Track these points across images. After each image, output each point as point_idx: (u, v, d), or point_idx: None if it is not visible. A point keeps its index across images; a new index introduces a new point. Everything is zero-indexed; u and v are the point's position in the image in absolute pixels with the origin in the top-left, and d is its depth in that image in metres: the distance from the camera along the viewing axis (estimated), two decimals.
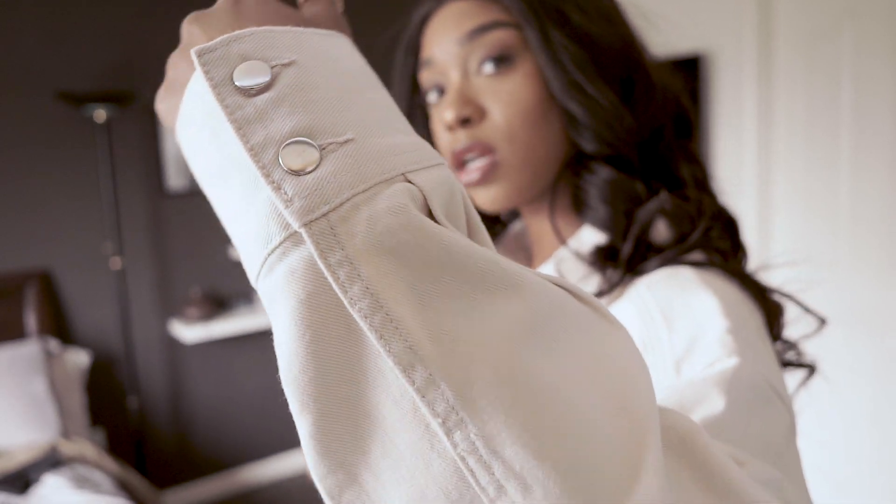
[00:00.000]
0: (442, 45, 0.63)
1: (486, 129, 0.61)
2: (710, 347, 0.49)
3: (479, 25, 0.61)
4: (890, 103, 2.30)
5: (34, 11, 2.68)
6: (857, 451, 2.53)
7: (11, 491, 2.04)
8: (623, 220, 0.59)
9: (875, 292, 2.41)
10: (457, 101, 0.61)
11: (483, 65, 0.61)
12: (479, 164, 0.61)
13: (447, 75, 0.64)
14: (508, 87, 0.60)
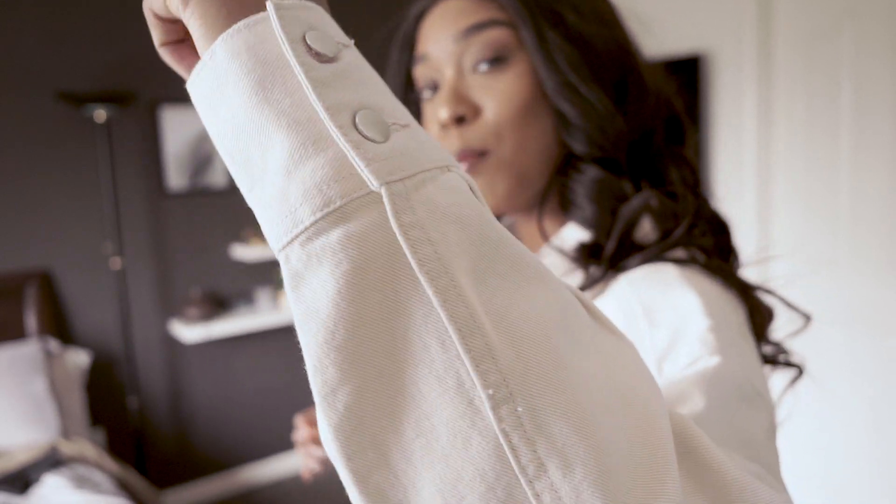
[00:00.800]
0: (438, 42, 0.63)
1: (478, 128, 0.61)
2: (691, 345, 0.49)
3: (476, 23, 0.61)
4: (889, 103, 2.30)
5: (34, 12, 2.68)
6: (855, 451, 2.53)
7: (12, 491, 2.04)
8: (608, 218, 0.59)
9: (875, 292, 2.42)
10: (451, 98, 0.61)
11: (478, 63, 0.61)
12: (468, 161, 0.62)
13: (442, 72, 0.64)
14: (502, 86, 0.61)
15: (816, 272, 2.57)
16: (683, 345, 0.49)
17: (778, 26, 2.55)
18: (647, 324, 0.52)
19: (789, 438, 2.74)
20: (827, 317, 2.60)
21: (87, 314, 2.88)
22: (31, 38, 2.68)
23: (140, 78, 2.90)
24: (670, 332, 0.50)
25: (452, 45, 0.62)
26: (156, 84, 2.95)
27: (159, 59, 3.01)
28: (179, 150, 3.03)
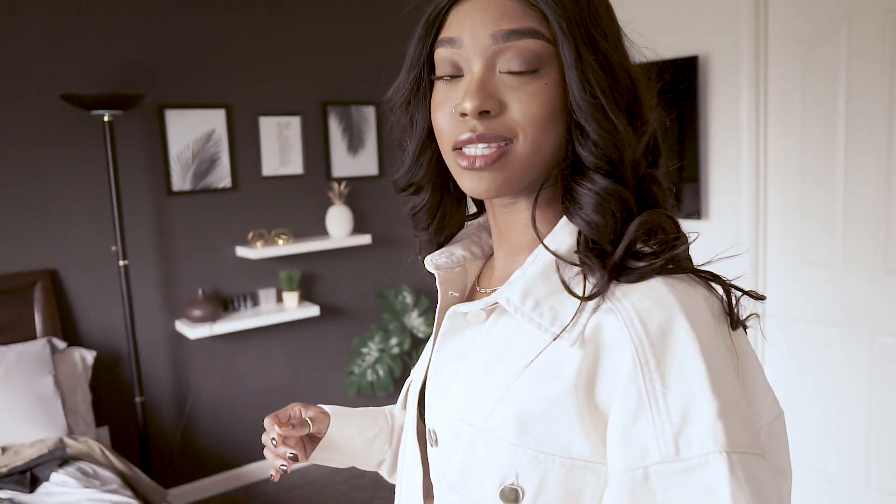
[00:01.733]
0: (475, 33, 0.64)
1: (502, 121, 0.64)
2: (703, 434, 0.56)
3: (519, 29, 0.63)
4: (883, 106, 2.32)
5: (41, 15, 2.71)
6: (850, 445, 2.55)
7: (19, 487, 2.07)
8: (614, 226, 0.64)
9: (868, 293, 2.44)
10: (480, 92, 0.63)
11: (511, 66, 0.64)
12: (485, 152, 0.64)
13: (470, 62, 0.65)
14: (531, 90, 0.63)
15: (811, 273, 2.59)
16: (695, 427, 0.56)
17: (773, 30, 2.57)
18: (661, 383, 0.58)
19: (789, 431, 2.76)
20: (823, 316, 2.64)
21: (93, 314, 2.92)
22: (38, 42, 2.71)
23: (145, 80, 2.94)
24: (681, 402, 0.57)
25: (489, 42, 0.64)
26: (161, 86, 2.98)
27: (164, 61, 3.06)
28: (184, 151, 3.07)
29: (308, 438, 0.93)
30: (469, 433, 0.67)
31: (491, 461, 0.64)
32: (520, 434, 0.63)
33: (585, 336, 0.62)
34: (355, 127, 3.56)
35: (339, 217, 3.41)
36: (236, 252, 3.24)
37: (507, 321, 0.68)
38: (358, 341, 3.60)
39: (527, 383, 0.64)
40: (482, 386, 0.67)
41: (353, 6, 3.52)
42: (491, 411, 0.65)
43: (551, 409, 0.62)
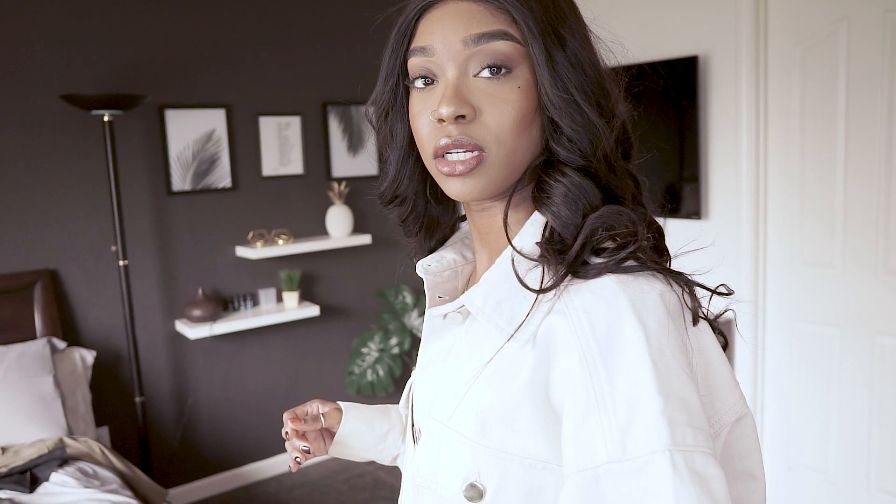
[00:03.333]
0: (445, 39, 0.65)
1: (477, 127, 0.64)
2: (647, 431, 0.55)
3: (489, 32, 0.64)
4: (883, 106, 2.32)
5: (42, 16, 2.71)
6: (852, 447, 2.55)
7: (19, 487, 2.07)
8: (579, 222, 0.65)
9: (869, 293, 2.44)
10: (454, 98, 0.63)
11: (482, 69, 0.64)
12: (464, 157, 0.65)
13: (443, 68, 0.66)
14: (503, 94, 0.64)
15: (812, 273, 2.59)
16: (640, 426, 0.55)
17: (773, 30, 2.57)
18: (608, 384, 0.57)
19: (787, 432, 2.77)
20: (824, 317, 2.64)
21: (93, 313, 2.92)
22: (38, 42, 2.71)
23: (145, 80, 2.94)
24: (627, 402, 0.56)
25: (460, 47, 0.64)
26: (161, 86, 2.98)
27: (164, 61, 3.06)
28: (184, 151, 3.07)
29: (327, 433, 0.96)
30: (438, 430, 0.68)
31: (456, 458, 0.66)
32: (481, 432, 0.64)
33: (538, 337, 0.63)
34: (355, 127, 3.56)
35: (339, 217, 3.41)
36: (236, 252, 3.25)
37: (478, 323, 0.69)
38: (358, 341, 3.59)
39: (486, 383, 0.65)
40: (450, 384, 0.69)
41: (354, 7, 3.52)
42: (455, 409, 0.67)
43: (510, 409, 0.63)
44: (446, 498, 0.66)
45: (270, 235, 3.28)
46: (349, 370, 3.59)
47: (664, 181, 2.87)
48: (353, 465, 3.52)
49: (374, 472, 3.45)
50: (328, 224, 3.43)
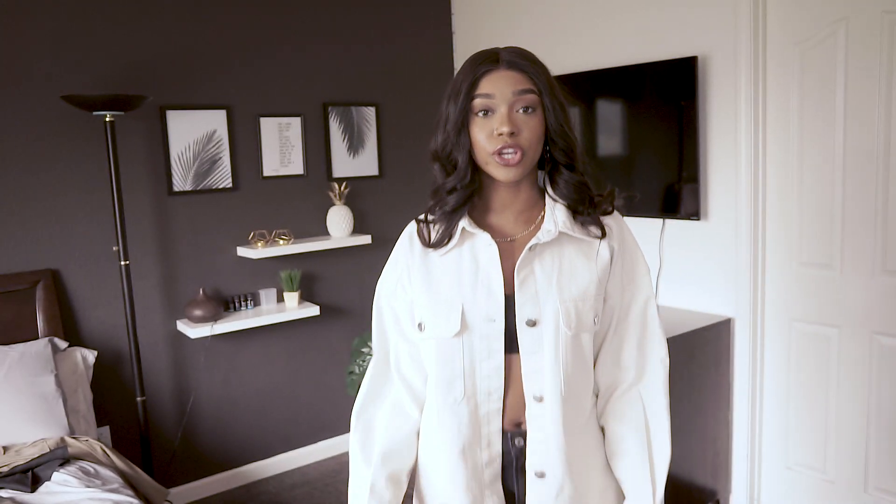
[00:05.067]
0: (501, 91, 1.15)
1: (518, 139, 1.15)
2: (641, 283, 1.26)
3: (526, 89, 1.15)
4: (882, 107, 2.33)
5: (43, 17, 2.72)
6: (851, 447, 2.56)
7: (20, 487, 2.08)
8: (580, 195, 1.22)
9: (867, 294, 2.44)
10: (509, 122, 1.14)
11: (520, 108, 1.15)
12: (513, 155, 1.15)
13: (498, 106, 1.15)
14: (531, 123, 1.16)
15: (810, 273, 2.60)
16: (636, 280, 1.26)
17: (772, 30, 2.58)
18: (623, 264, 1.25)
19: (786, 431, 2.77)
20: (822, 316, 2.65)
21: (94, 313, 2.93)
22: (39, 42, 2.72)
23: (146, 81, 2.95)
24: (630, 265, 1.25)
25: (510, 95, 1.15)
26: (162, 87, 2.99)
27: (165, 62, 3.07)
28: (185, 151, 3.08)
29: None
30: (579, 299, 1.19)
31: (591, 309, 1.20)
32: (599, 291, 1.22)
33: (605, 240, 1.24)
34: (355, 128, 3.57)
35: (340, 217, 3.42)
36: (237, 252, 3.26)
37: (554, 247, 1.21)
38: (358, 341, 3.60)
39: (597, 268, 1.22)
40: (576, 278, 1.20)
41: (354, 8, 3.53)
42: (586, 288, 1.20)
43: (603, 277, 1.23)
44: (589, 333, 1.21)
45: (271, 235, 3.29)
46: (349, 370, 3.60)
47: (663, 182, 2.88)
48: None
49: None
50: (328, 224, 3.44)
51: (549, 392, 1.16)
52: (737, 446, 2.85)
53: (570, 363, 1.16)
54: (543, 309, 1.17)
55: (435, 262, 1.23)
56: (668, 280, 2.99)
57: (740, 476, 2.85)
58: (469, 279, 1.19)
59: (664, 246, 2.99)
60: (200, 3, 3.09)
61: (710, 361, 2.74)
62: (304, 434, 3.57)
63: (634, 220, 3.09)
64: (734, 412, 2.83)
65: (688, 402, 2.65)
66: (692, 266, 2.91)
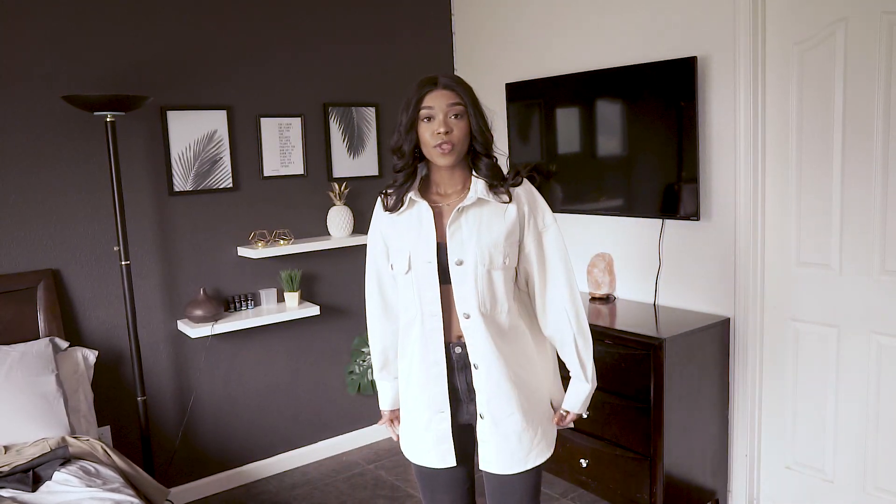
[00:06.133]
0: (438, 103, 1.62)
1: (451, 136, 1.62)
2: (550, 231, 1.72)
3: (455, 102, 1.63)
4: (880, 107, 2.33)
5: (44, 17, 2.73)
6: (850, 447, 2.56)
7: (21, 486, 2.09)
8: (493, 173, 1.67)
9: (866, 293, 2.45)
10: (444, 125, 1.61)
11: (452, 115, 1.62)
12: (447, 146, 1.61)
13: (437, 115, 1.61)
14: (460, 125, 1.63)
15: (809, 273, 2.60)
16: (548, 229, 1.71)
17: (771, 31, 2.58)
18: (530, 211, 1.69)
19: (785, 431, 2.78)
20: (821, 316, 2.65)
21: (95, 313, 2.93)
22: (40, 43, 2.73)
23: (147, 82, 2.95)
24: (541, 220, 1.71)
25: (445, 107, 1.62)
26: (162, 88, 3.00)
27: (165, 63, 3.08)
28: (185, 152, 3.08)
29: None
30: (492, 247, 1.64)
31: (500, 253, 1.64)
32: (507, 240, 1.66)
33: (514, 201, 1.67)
34: (355, 128, 3.57)
35: (340, 217, 3.43)
36: (237, 252, 3.26)
37: (486, 206, 1.66)
38: (358, 341, 3.61)
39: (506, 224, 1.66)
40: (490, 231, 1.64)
41: (354, 8, 3.53)
42: (498, 237, 1.64)
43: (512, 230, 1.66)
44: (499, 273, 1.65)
45: (271, 236, 3.30)
46: (349, 370, 3.61)
47: (662, 182, 2.88)
48: (354, 465, 3.54)
49: (374, 471, 3.46)
50: (329, 224, 3.45)
51: (473, 311, 1.64)
52: (736, 446, 2.85)
53: (484, 291, 1.64)
54: (467, 252, 1.63)
55: (396, 221, 1.73)
56: (667, 280, 3.00)
57: (739, 476, 2.86)
58: (414, 234, 1.68)
59: (663, 246, 2.99)
60: (201, 3, 3.10)
61: (710, 361, 2.74)
62: (304, 434, 3.57)
63: (634, 221, 3.10)
64: (733, 412, 2.84)
65: (687, 402, 2.65)
66: (691, 266, 2.91)
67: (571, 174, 3.27)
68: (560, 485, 3.18)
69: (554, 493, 3.11)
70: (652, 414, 2.58)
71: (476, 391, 1.68)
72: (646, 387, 2.58)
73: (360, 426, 3.77)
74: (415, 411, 1.75)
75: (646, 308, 3.02)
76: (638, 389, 2.61)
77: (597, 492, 2.86)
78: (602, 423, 2.77)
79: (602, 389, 2.75)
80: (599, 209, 3.16)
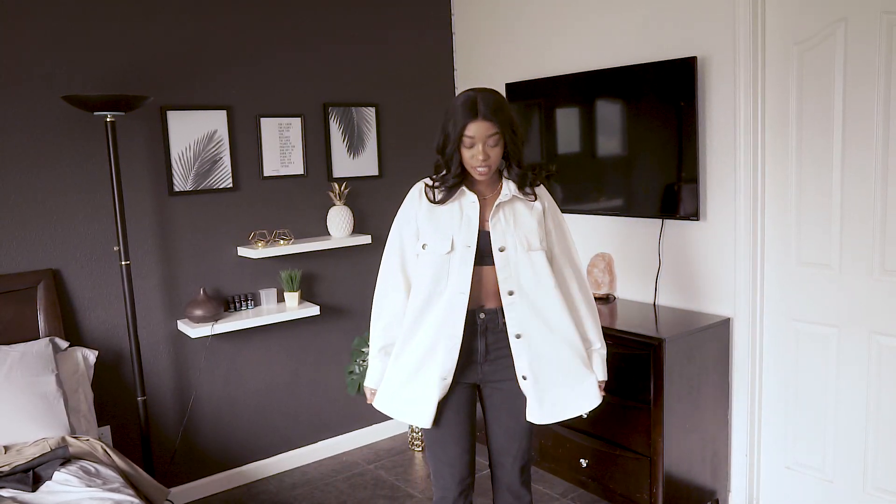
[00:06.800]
0: (478, 133, 1.88)
1: (488, 161, 1.91)
2: (563, 224, 2.11)
3: (493, 133, 1.89)
4: (880, 107, 2.33)
5: (44, 17, 2.73)
6: (849, 446, 2.56)
7: (21, 486, 2.09)
8: (522, 178, 2.00)
9: (866, 293, 2.45)
10: (483, 153, 1.90)
11: (489, 143, 1.90)
12: (485, 170, 1.93)
13: (476, 142, 1.89)
14: (496, 150, 1.92)
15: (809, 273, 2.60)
16: (559, 228, 2.08)
17: (771, 31, 2.58)
18: (549, 207, 2.06)
19: (785, 431, 2.78)
20: (821, 316, 2.65)
21: (95, 313, 2.93)
22: (40, 43, 2.73)
23: (147, 82, 2.95)
24: (557, 216, 2.09)
25: (484, 136, 1.89)
26: (163, 88, 3.00)
27: (165, 63, 3.07)
28: (185, 152, 3.08)
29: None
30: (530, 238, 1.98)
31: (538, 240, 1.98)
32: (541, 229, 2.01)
33: (539, 201, 2.03)
34: (355, 128, 3.57)
35: (340, 217, 3.43)
36: (237, 252, 3.26)
37: (517, 203, 2.00)
38: (358, 341, 3.61)
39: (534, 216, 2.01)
40: (525, 224, 1.98)
41: (354, 8, 3.54)
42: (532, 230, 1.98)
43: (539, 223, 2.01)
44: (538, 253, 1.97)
45: (271, 236, 3.30)
46: (349, 370, 3.60)
47: (662, 182, 2.88)
48: (354, 465, 3.54)
49: (374, 471, 3.46)
50: (329, 224, 3.45)
51: (515, 288, 1.95)
52: (736, 446, 2.85)
53: (524, 271, 1.95)
54: (507, 240, 1.95)
55: (435, 209, 2.00)
56: (667, 280, 3.00)
57: (739, 475, 2.86)
58: (457, 221, 1.97)
59: (663, 246, 2.99)
60: (201, 3, 3.10)
61: (710, 361, 2.74)
62: (304, 434, 3.57)
63: (634, 221, 3.10)
64: (733, 412, 2.84)
65: (687, 402, 2.65)
66: (691, 266, 2.91)
67: (571, 174, 3.27)
68: (560, 485, 3.18)
69: (554, 493, 3.12)
70: (652, 414, 2.58)
71: (515, 357, 1.97)
72: (646, 387, 2.59)
73: (360, 426, 3.77)
74: (412, 372, 1.99)
75: (646, 308, 3.02)
76: (638, 389, 2.62)
77: (597, 492, 2.87)
78: (602, 423, 2.77)
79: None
80: (599, 209, 3.16)
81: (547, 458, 3.06)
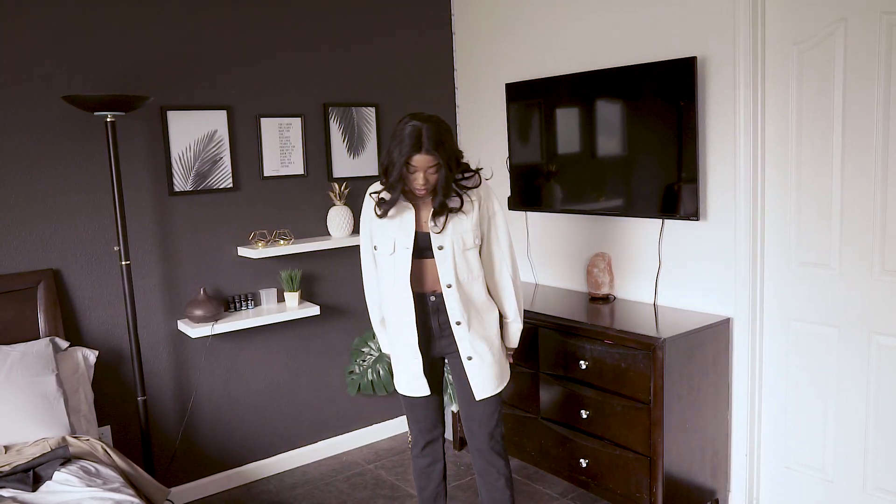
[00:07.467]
0: (420, 164, 2.14)
1: (427, 185, 2.18)
2: (498, 215, 2.34)
3: (434, 164, 2.15)
4: (880, 107, 2.33)
5: (44, 17, 2.73)
6: (850, 446, 2.56)
7: (22, 486, 2.09)
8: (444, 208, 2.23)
9: (866, 293, 2.45)
10: (423, 180, 2.17)
11: (429, 172, 2.16)
12: (424, 192, 2.21)
13: (419, 171, 2.16)
14: (435, 176, 2.18)
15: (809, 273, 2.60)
16: (496, 214, 2.34)
17: (770, 31, 2.58)
18: (483, 202, 2.30)
19: (785, 431, 2.78)
20: (821, 316, 2.65)
21: (95, 313, 2.94)
22: (40, 43, 2.73)
23: (147, 82, 2.96)
24: (490, 207, 2.32)
25: (425, 165, 2.15)
26: (163, 88, 3.00)
27: (166, 63, 3.07)
28: (185, 152, 3.08)
29: None
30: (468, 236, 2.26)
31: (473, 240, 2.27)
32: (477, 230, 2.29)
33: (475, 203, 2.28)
34: (355, 128, 3.58)
35: (340, 217, 3.43)
36: (238, 252, 3.26)
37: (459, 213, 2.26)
38: (358, 341, 3.61)
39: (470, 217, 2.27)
40: (464, 228, 2.25)
41: (354, 8, 3.54)
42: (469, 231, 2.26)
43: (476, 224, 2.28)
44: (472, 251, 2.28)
45: (271, 236, 3.30)
46: (349, 370, 3.61)
47: (662, 182, 2.88)
48: (354, 465, 3.54)
49: (374, 470, 3.46)
50: (329, 224, 3.45)
51: (452, 282, 2.25)
52: (736, 446, 2.85)
53: (461, 267, 2.26)
54: (445, 240, 2.23)
55: (383, 219, 2.29)
56: (667, 280, 3.00)
57: (739, 475, 2.86)
58: (396, 227, 2.27)
59: (663, 246, 3.00)
60: (201, 3, 3.10)
61: (710, 361, 2.74)
62: (304, 433, 3.57)
63: (634, 221, 3.10)
64: (733, 412, 2.84)
65: (687, 402, 2.66)
66: (691, 266, 2.91)
67: (571, 174, 3.27)
68: (560, 485, 3.18)
69: (554, 493, 3.12)
70: (652, 414, 2.58)
71: (458, 340, 2.30)
72: (646, 387, 2.59)
73: (360, 426, 3.77)
74: (396, 354, 2.40)
75: (646, 308, 3.02)
76: (638, 389, 2.62)
77: (597, 492, 2.87)
78: (602, 423, 2.77)
79: (602, 389, 2.75)
80: (599, 209, 3.16)
81: (547, 458, 3.06)
